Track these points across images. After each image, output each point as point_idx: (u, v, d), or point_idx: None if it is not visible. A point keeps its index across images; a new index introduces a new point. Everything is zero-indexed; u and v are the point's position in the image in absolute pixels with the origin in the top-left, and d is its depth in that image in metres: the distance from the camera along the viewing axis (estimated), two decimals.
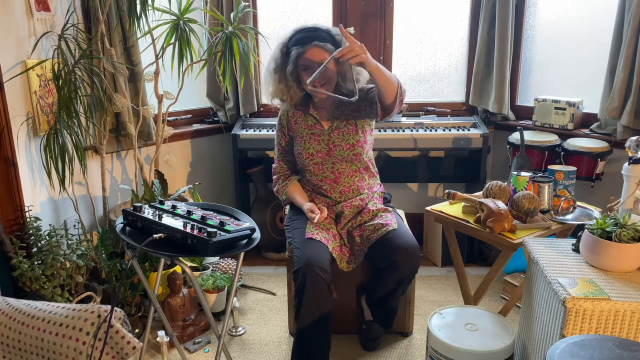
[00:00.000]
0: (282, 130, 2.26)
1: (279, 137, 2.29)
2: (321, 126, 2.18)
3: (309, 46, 2.02)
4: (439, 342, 1.78)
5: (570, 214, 2.08)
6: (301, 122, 2.21)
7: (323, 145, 2.16)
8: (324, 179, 2.17)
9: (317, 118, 2.18)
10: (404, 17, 3.16)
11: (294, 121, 2.22)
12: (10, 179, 2.07)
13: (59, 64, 2.20)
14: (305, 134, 2.18)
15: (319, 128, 2.18)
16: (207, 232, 1.50)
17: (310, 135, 2.17)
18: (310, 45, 2.02)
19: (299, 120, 2.21)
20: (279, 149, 2.30)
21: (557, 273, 1.51)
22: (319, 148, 2.16)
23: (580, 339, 1.21)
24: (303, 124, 2.20)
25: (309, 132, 2.18)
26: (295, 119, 2.22)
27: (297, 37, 2.07)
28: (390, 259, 1.98)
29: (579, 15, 2.87)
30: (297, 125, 2.21)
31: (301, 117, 2.21)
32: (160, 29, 2.47)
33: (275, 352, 2.29)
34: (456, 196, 2.17)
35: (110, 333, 1.40)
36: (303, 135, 2.19)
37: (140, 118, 2.67)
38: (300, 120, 2.21)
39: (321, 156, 2.15)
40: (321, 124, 2.18)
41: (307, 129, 2.19)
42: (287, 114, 2.24)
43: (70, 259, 2.09)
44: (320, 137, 2.16)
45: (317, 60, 2.00)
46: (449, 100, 3.28)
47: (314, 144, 2.16)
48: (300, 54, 2.03)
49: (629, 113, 2.48)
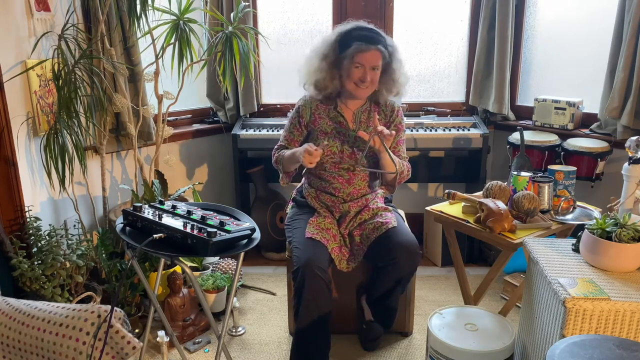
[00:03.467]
0: (299, 120, 2.18)
1: (291, 126, 2.21)
2: (347, 125, 2.15)
3: (373, 47, 2.02)
4: (439, 342, 1.78)
5: (570, 214, 2.08)
6: (325, 117, 2.17)
7: (347, 146, 2.12)
8: (338, 177, 2.14)
9: (345, 116, 2.15)
10: (404, 17, 3.16)
11: (318, 114, 2.17)
12: (10, 179, 2.07)
13: (59, 64, 2.20)
14: (329, 130, 2.14)
15: (344, 127, 2.15)
16: (207, 232, 1.50)
17: (336, 133, 2.14)
18: (374, 47, 2.02)
19: (323, 115, 2.17)
20: (287, 136, 2.22)
21: (557, 273, 1.51)
22: (343, 148, 2.12)
23: (580, 339, 1.21)
24: (328, 119, 2.16)
25: (334, 129, 2.14)
26: (319, 112, 2.17)
27: (361, 34, 2.06)
28: (389, 257, 1.98)
29: (579, 15, 2.87)
30: (321, 119, 2.16)
31: (325, 111, 2.17)
32: (160, 29, 2.47)
33: (275, 352, 2.29)
34: (456, 196, 2.17)
35: (110, 333, 1.40)
36: (327, 132, 2.14)
37: (140, 118, 2.67)
38: (324, 114, 2.17)
39: (342, 156, 2.12)
40: (347, 122, 2.15)
41: (332, 126, 2.15)
42: (310, 106, 2.18)
43: (70, 259, 2.09)
44: (346, 138, 2.13)
45: (372, 63, 2.02)
46: (449, 100, 3.28)
47: (338, 143, 2.12)
48: (362, 51, 2.01)
49: (629, 113, 2.48)
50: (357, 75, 2.03)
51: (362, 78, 2.03)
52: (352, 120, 2.16)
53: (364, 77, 2.02)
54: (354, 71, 2.04)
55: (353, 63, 2.03)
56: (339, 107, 2.17)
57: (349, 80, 2.06)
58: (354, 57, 2.02)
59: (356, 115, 2.17)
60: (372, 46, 2.02)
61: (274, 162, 2.23)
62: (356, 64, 2.03)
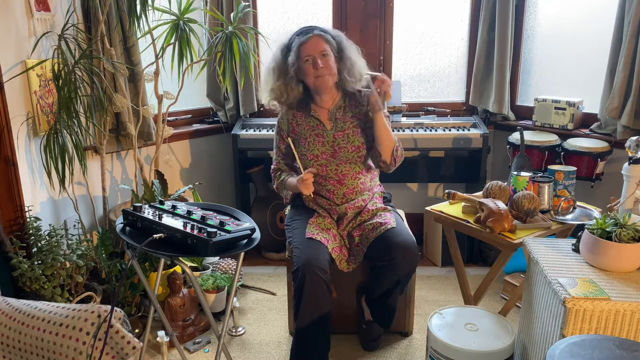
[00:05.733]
0: (280, 135, 2.25)
1: (277, 141, 2.28)
2: (324, 126, 2.17)
3: (310, 35, 2.06)
4: (439, 342, 1.78)
5: (570, 214, 2.08)
6: (303, 123, 2.20)
7: (328, 147, 2.15)
8: (328, 179, 2.16)
9: (320, 118, 2.18)
10: (404, 17, 3.16)
11: (295, 123, 2.21)
12: (10, 179, 2.07)
13: (59, 64, 2.20)
14: (308, 135, 2.17)
15: (321, 128, 2.17)
16: (207, 232, 1.50)
17: (315, 137, 2.16)
18: (311, 34, 2.06)
19: (300, 122, 2.20)
20: (277, 153, 2.29)
21: (557, 273, 1.51)
22: (324, 149, 2.14)
23: (580, 339, 1.21)
24: (305, 125, 2.19)
25: (312, 133, 2.17)
26: (296, 120, 2.21)
27: (297, 32, 2.12)
28: (388, 257, 1.98)
29: (579, 15, 2.87)
30: (299, 127, 2.20)
31: (302, 118, 2.20)
32: (160, 29, 2.47)
33: (275, 352, 2.29)
34: (456, 196, 2.17)
35: (110, 333, 1.40)
36: (307, 137, 2.17)
37: (140, 118, 2.67)
38: (302, 121, 2.20)
39: (326, 157, 2.14)
40: (324, 124, 2.17)
41: (310, 130, 2.17)
42: (286, 118, 2.23)
43: (70, 259, 2.09)
44: (325, 139, 2.15)
45: (318, 50, 2.05)
46: (449, 100, 3.28)
47: (319, 145, 2.15)
48: (302, 43, 2.06)
49: (629, 113, 2.48)
50: (310, 68, 2.06)
51: (315, 66, 2.05)
52: (328, 119, 2.18)
53: (316, 65, 2.04)
54: (307, 66, 2.07)
55: (301, 59, 2.07)
56: (313, 111, 2.19)
57: (308, 77, 2.09)
58: (299, 51, 2.07)
59: (331, 113, 2.18)
60: (310, 34, 2.07)
61: (276, 188, 2.30)
62: (304, 58, 2.06)
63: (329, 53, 2.07)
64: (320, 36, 2.07)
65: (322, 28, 2.12)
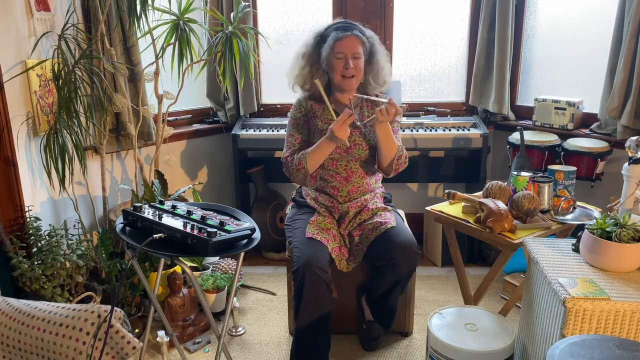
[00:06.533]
0: (299, 116, 2.17)
1: (295, 126, 2.18)
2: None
3: (349, 34, 2.07)
4: (439, 342, 1.78)
5: (570, 214, 2.08)
6: (320, 115, 2.18)
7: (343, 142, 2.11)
8: (335, 175, 2.15)
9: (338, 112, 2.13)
10: (404, 17, 3.16)
11: (312, 114, 2.19)
12: (10, 179, 2.07)
13: (59, 64, 2.20)
14: (325, 129, 2.12)
15: None
16: (207, 232, 1.50)
17: None
18: (349, 34, 2.07)
19: (317, 114, 2.18)
20: (294, 136, 2.17)
21: (557, 273, 1.51)
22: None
23: (580, 339, 1.21)
24: (322, 117, 2.17)
25: (328, 126, 2.10)
26: (313, 112, 2.19)
27: (336, 26, 2.12)
28: (388, 257, 1.98)
29: (579, 15, 2.87)
30: (315, 119, 2.18)
31: (319, 111, 2.18)
32: (160, 29, 2.47)
33: (275, 352, 2.29)
34: (456, 196, 2.16)
35: (110, 333, 1.40)
36: (322, 130, 2.14)
37: (140, 118, 2.67)
38: (319, 114, 2.18)
39: (339, 152, 2.12)
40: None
41: (326, 124, 2.14)
42: (304, 105, 2.20)
43: (70, 259, 2.09)
44: None
45: (353, 50, 2.06)
46: (449, 100, 3.28)
47: None
48: (339, 39, 2.06)
49: (629, 113, 2.48)
50: (340, 66, 2.07)
51: (345, 66, 2.06)
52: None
53: (347, 65, 2.05)
54: (337, 63, 2.07)
55: (334, 54, 2.07)
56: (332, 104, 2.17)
57: (335, 73, 2.09)
58: (334, 47, 2.06)
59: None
60: (349, 32, 2.07)
61: (293, 168, 2.08)
62: (337, 54, 2.06)
63: (360, 56, 2.08)
64: (357, 37, 2.08)
65: (360, 28, 2.13)
